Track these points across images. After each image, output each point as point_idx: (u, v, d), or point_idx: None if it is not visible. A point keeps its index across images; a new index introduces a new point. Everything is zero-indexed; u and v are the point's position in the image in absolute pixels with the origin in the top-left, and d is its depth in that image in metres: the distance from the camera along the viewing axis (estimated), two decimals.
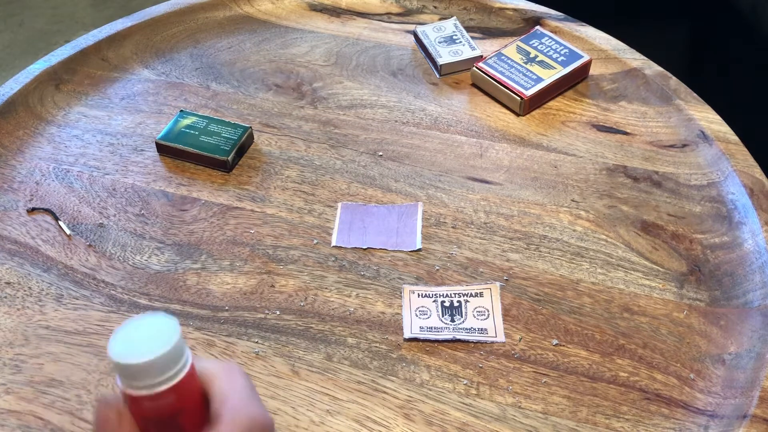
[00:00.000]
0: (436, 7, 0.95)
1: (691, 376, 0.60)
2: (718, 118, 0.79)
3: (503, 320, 0.63)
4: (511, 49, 0.85)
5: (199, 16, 0.94)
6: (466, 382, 0.60)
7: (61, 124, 0.81)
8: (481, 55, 0.86)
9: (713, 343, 0.62)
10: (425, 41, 0.88)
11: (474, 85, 0.85)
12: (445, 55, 0.86)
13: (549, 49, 0.84)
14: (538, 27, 0.88)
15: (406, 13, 0.95)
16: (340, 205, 0.73)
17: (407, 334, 0.62)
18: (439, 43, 0.87)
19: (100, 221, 0.72)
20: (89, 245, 0.70)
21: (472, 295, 0.65)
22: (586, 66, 0.84)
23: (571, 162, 0.77)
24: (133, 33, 0.91)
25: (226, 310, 0.64)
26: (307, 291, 0.66)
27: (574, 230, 0.70)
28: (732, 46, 1.25)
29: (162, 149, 0.77)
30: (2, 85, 0.83)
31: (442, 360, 0.61)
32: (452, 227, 0.71)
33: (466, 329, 0.62)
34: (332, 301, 0.65)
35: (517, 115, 0.81)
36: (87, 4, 2.16)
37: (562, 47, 0.84)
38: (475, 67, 0.84)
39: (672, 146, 0.78)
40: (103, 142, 0.79)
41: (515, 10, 0.93)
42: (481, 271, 0.67)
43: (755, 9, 1.15)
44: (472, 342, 0.62)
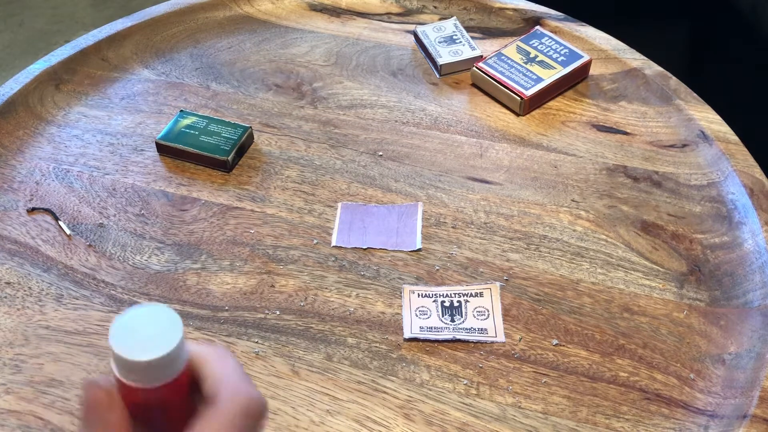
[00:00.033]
0: (436, 7, 0.95)
1: (691, 376, 0.60)
2: (718, 118, 0.79)
3: (503, 320, 0.63)
4: (511, 49, 0.85)
5: (199, 16, 0.94)
6: (466, 382, 0.59)
7: (61, 124, 0.81)
8: (481, 55, 0.86)
9: (713, 343, 0.62)
10: (425, 41, 0.88)
11: (474, 85, 0.85)
12: (445, 55, 0.86)
13: (549, 49, 0.84)
14: (538, 27, 0.88)
15: (406, 13, 0.95)
16: (340, 205, 0.73)
17: (407, 334, 0.62)
18: (439, 43, 0.87)
19: (100, 221, 0.72)
20: (89, 245, 0.70)
21: (472, 295, 0.65)
22: (586, 66, 0.84)
23: (571, 162, 0.77)
24: (133, 33, 0.91)
25: (226, 310, 0.64)
26: (307, 291, 0.66)
27: (574, 230, 0.70)
28: (732, 46, 1.25)
29: (162, 149, 0.78)
30: (2, 85, 0.83)
31: (442, 360, 0.61)
32: (452, 227, 0.71)
33: (466, 329, 0.62)
34: (332, 301, 0.65)
35: (517, 115, 0.81)
36: (87, 4, 2.16)
37: (562, 47, 0.84)
38: (475, 67, 0.84)
39: (672, 146, 0.78)
40: (103, 142, 0.79)
41: (515, 10, 0.93)
42: (481, 271, 0.67)
43: (755, 9, 1.15)
44: (472, 342, 0.62)
